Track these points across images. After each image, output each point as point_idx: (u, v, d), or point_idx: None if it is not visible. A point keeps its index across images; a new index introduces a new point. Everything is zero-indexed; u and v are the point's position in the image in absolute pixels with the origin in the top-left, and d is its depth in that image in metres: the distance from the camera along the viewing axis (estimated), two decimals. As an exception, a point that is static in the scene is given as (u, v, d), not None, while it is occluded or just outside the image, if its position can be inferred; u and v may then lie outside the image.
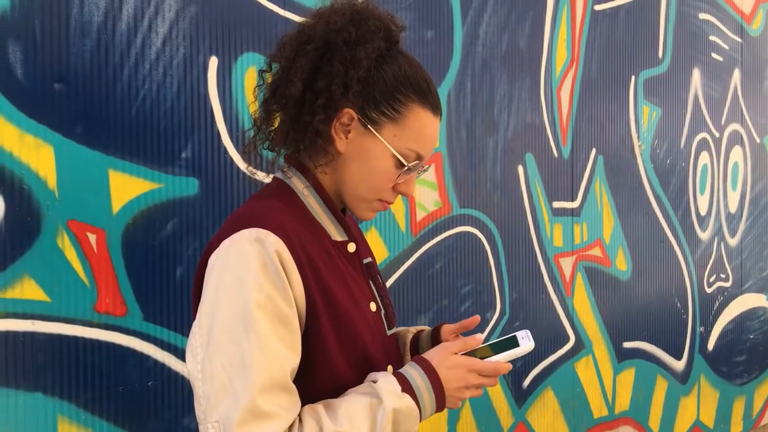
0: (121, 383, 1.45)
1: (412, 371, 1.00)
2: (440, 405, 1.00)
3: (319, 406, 0.96)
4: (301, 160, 1.08)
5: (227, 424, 0.89)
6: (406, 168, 1.04)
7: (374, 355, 1.06)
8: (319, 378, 1.00)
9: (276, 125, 1.09)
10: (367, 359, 1.04)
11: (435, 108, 1.06)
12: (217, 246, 0.97)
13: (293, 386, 0.95)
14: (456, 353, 1.03)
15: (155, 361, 1.50)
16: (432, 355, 1.03)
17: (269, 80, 1.09)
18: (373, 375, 1.01)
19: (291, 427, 0.92)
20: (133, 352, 1.47)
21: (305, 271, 0.97)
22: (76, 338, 1.39)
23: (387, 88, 1.02)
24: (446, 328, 1.20)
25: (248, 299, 0.92)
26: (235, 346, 0.91)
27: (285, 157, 1.11)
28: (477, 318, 1.16)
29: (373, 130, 1.02)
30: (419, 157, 1.05)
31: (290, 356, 0.94)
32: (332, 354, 1.00)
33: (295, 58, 1.02)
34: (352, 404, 0.95)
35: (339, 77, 0.99)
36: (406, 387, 0.98)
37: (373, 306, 1.09)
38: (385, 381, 0.97)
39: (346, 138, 1.03)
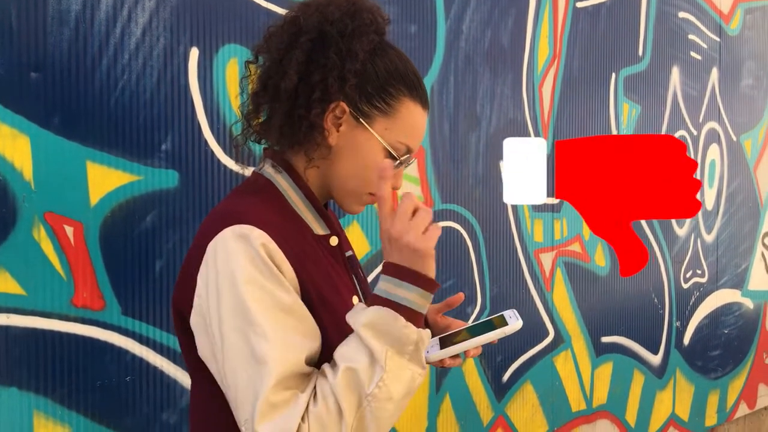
0: (99, 378, 1.43)
1: (376, 287, 0.96)
2: (413, 271, 0.92)
3: (323, 367, 0.94)
4: (285, 157, 1.07)
5: (250, 420, 0.89)
6: (398, 162, 1.04)
7: None
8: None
9: (262, 118, 1.08)
10: None
11: (424, 101, 1.06)
12: (200, 246, 0.96)
13: (308, 369, 0.93)
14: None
15: (133, 356, 1.48)
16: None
17: (255, 72, 1.07)
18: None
19: (307, 407, 0.90)
20: (111, 347, 1.45)
21: (292, 263, 0.96)
22: (52, 332, 1.37)
23: (379, 81, 1.01)
24: (431, 308, 1.19)
25: (244, 296, 0.91)
26: (245, 345, 0.90)
27: (265, 152, 1.10)
28: (461, 295, 1.15)
29: (365, 123, 1.02)
30: (409, 151, 1.05)
31: (303, 342, 0.92)
32: (327, 341, 0.99)
33: (287, 49, 1.00)
34: (341, 345, 0.93)
35: (336, 70, 0.98)
36: (374, 300, 0.93)
37: (355, 299, 1.08)
38: (350, 312, 0.95)
39: (338, 131, 1.02)
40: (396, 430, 2.03)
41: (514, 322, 1.04)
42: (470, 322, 1.08)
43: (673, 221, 3.07)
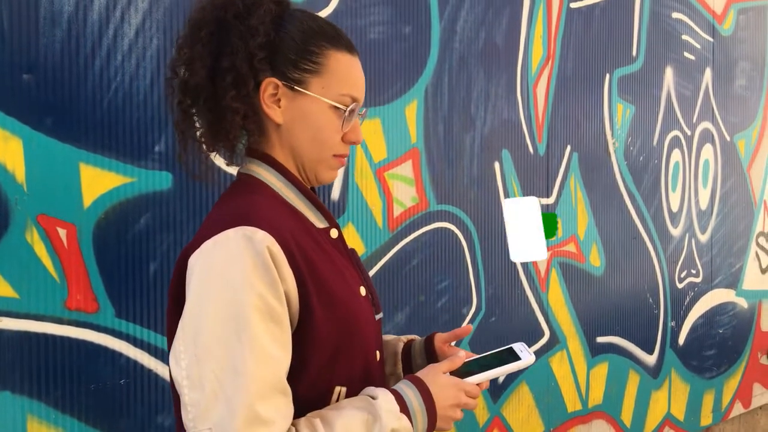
0: (93, 381, 1.42)
1: (408, 390, 1.00)
2: (431, 425, 1.00)
3: (316, 419, 0.94)
4: (261, 150, 1.06)
5: (221, 427, 0.87)
6: (347, 111, 1.04)
7: (367, 340, 1.05)
8: (311, 370, 0.98)
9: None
10: (361, 345, 1.03)
11: (350, 48, 1.06)
12: (197, 247, 0.94)
13: (288, 387, 0.93)
14: (445, 372, 1.04)
15: (127, 359, 1.48)
16: (424, 373, 1.04)
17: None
18: (370, 390, 1.00)
19: None
20: (104, 350, 1.44)
21: (297, 265, 0.95)
22: (45, 335, 1.36)
23: (297, 44, 1.02)
24: (439, 337, 1.19)
25: (239, 300, 0.89)
26: (226, 350, 0.89)
27: (246, 151, 1.09)
28: (469, 327, 1.18)
29: (301, 89, 1.02)
30: (355, 100, 1.05)
31: (283, 356, 0.92)
32: (325, 347, 0.99)
33: (192, 48, 1.01)
34: (349, 418, 0.94)
35: (241, 51, 0.99)
36: (403, 407, 0.98)
37: (362, 290, 1.08)
38: (384, 399, 0.97)
39: (279, 107, 1.03)
40: (392, 431, 2.03)
41: (526, 357, 1.06)
42: (478, 354, 1.09)
43: (668, 221, 3.08)
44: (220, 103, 1.01)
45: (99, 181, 1.43)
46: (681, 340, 3.19)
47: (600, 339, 2.76)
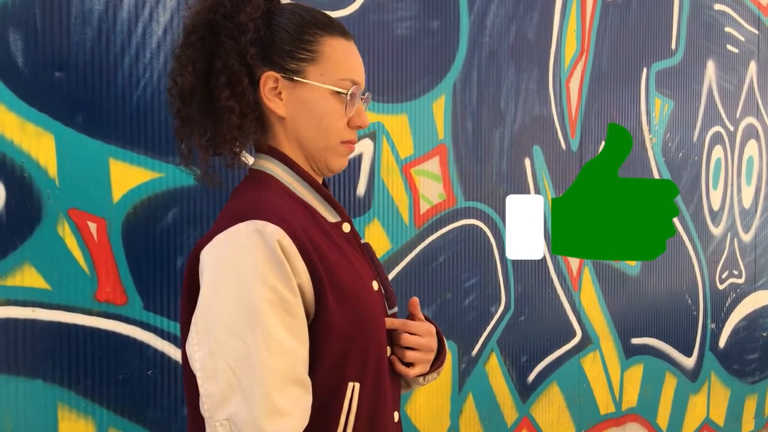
0: (121, 372, 1.46)
1: None
2: None
3: None
4: (269, 144, 1.07)
5: (238, 421, 0.88)
6: (349, 95, 1.04)
7: (380, 334, 1.05)
8: (326, 361, 0.98)
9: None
10: (373, 339, 1.03)
11: (343, 33, 1.06)
12: (209, 241, 0.96)
13: (306, 379, 0.93)
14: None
15: (155, 350, 1.51)
16: None
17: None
18: None
19: None
20: (133, 341, 1.47)
21: (309, 257, 0.96)
22: (76, 326, 1.40)
23: (291, 35, 1.02)
24: None
25: (251, 293, 0.90)
26: (240, 343, 0.90)
27: (255, 147, 1.10)
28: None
29: (300, 79, 1.03)
30: (355, 83, 1.05)
31: (299, 347, 0.93)
32: (339, 340, 0.99)
33: (185, 53, 1.03)
34: None
35: (233, 51, 1.00)
36: None
37: (375, 284, 1.08)
38: None
39: (281, 100, 1.04)
40: (418, 429, 2.02)
41: None
42: None
43: (708, 219, 2.98)
44: (216, 104, 1.02)
45: (128, 176, 1.46)
46: (722, 343, 3.09)
47: (635, 340, 2.69)
